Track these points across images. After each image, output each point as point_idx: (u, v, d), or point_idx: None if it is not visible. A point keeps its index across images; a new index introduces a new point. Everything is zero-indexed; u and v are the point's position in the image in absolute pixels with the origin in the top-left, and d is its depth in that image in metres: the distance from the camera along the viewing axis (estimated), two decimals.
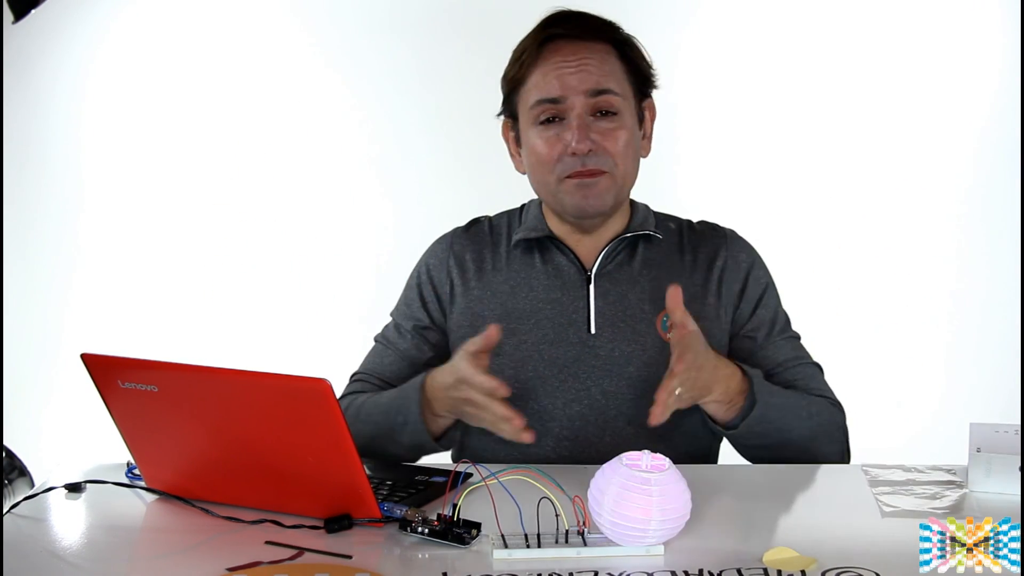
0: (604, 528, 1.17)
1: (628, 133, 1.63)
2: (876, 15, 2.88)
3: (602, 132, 1.61)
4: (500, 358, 1.63)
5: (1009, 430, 1.42)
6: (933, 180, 2.92)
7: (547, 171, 1.63)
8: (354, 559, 1.17)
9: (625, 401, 1.62)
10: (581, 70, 1.61)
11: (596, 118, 1.62)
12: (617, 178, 1.63)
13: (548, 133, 1.63)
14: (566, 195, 1.63)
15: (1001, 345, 2.85)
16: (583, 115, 1.61)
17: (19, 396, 2.86)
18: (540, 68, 1.63)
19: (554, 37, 1.63)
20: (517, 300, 1.67)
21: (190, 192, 3.02)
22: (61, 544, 1.27)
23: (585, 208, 1.64)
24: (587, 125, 1.60)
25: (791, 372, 1.66)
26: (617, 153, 1.62)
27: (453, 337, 1.69)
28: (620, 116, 1.63)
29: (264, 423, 1.24)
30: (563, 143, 1.61)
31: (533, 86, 1.63)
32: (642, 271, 1.68)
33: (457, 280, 1.72)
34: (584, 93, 1.60)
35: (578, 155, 1.60)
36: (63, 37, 2.98)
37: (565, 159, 1.61)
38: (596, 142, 1.60)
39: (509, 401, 1.62)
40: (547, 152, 1.63)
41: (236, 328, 2.99)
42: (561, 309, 1.66)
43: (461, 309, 1.70)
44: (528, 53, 1.64)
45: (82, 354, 1.29)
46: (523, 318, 1.66)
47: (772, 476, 1.52)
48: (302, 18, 3.00)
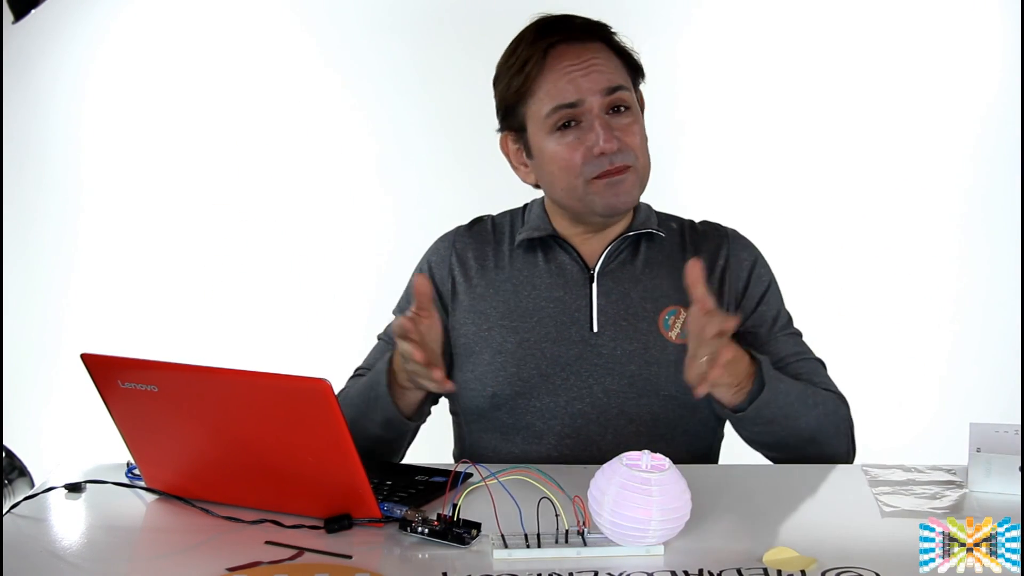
0: (604, 528, 1.17)
1: (641, 126, 1.65)
2: (877, 16, 2.88)
3: (622, 129, 1.62)
4: (502, 356, 1.64)
5: (1009, 430, 1.42)
6: (934, 180, 2.92)
7: (573, 176, 1.62)
8: (354, 559, 1.17)
9: (627, 400, 1.62)
10: (592, 71, 1.61)
11: (612, 115, 1.62)
12: (640, 171, 1.64)
13: (567, 138, 1.61)
14: (596, 196, 1.62)
15: (1002, 345, 2.85)
16: (602, 115, 1.61)
17: (19, 396, 2.86)
18: (548, 76, 1.61)
19: (555, 44, 1.63)
20: (520, 298, 1.67)
21: (190, 192, 3.02)
22: (61, 544, 1.27)
23: (616, 206, 1.63)
24: (609, 124, 1.61)
25: (794, 367, 1.65)
26: (637, 147, 1.63)
27: (455, 335, 1.69)
28: (633, 111, 1.64)
29: (264, 423, 1.24)
30: (585, 146, 1.60)
31: (545, 94, 1.62)
32: (644, 270, 1.68)
33: (459, 278, 1.71)
34: (599, 93, 1.60)
35: (606, 154, 1.60)
36: (63, 37, 2.97)
37: (592, 161, 1.60)
38: (619, 138, 1.61)
39: (511, 399, 1.63)
40: (570, 157, 1.61)
41: (236, 328, 2.98)
42: (563, 307, 1.66)
43: (464, 307, 1.70)
44: (533, 63, 1.62)
45: (82, 354, 1.29)
46: (525, 316, 1.66)
47: (772, 476, 1.52)
48: (302, 18, 2.99)
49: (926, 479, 1.43)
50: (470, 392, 1.66)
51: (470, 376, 1.66)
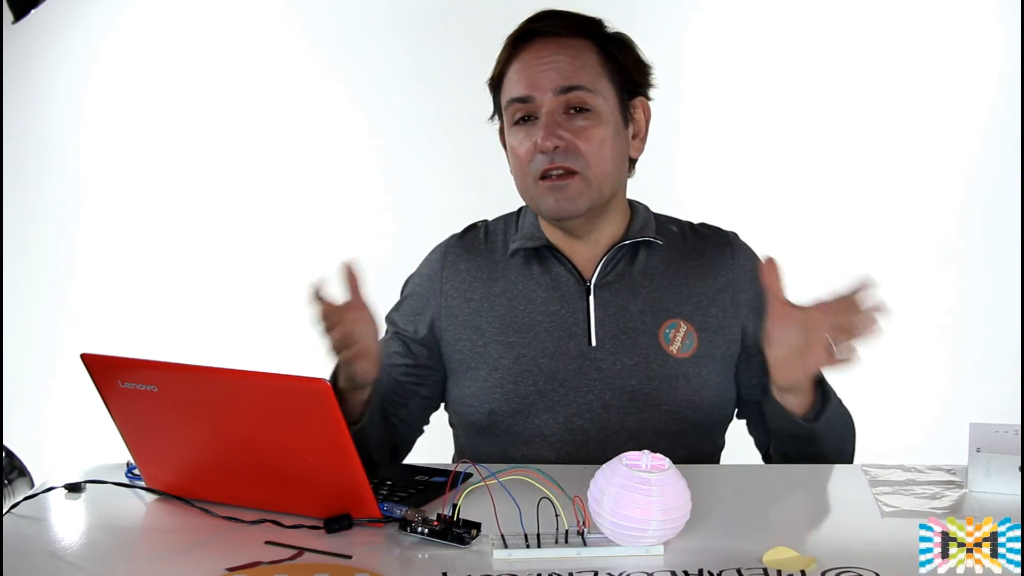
0: (604, 528, 1.17)
1: (605, 131, 1.59)
2: (878, 17, 2.88)
3: (574, 130, 1.57)
4: (499, 372, 1.61)
5: (1009, 430, 1.42)
6: (934, 181, 2.92)
7: (524, 172, 1.61)
8: (354, 559, 1.17)
9: (628, 415, 1.60)
10: (550, 67, 1.58)
11: (569, 116, 1.58)
12: (591, 179, 1.58)
13: (520, 133, 1.60)
14: (540, 199, 1.60)
15: (1002, 346, 2.85)
16: (553, 112, 1.57)
17: (19, 396, 2.86)
18: (513, 67, 1.61)
19: (531, 35, 1.61)
20: (515, 313, 1.64)
21: (190, 193, 3.02)
22: (61, 544, 1.27)
23: (558, 212, 1.59)
24: (557, 122, 1.57)
25: None
26: (590, 153, 1.57)
27: (451, 350, 1.66)
28: (596, 114, 1.58)
29: (264, 423, 1.24)
30: (532, 141, 1.58)
31: (507, 84, 1.62)
32: (643, 280, 1.64)
33: (452, 292, 1.67)
34: (552, 91, 1.57)
35: (546, 153, 1.57)
36: (63, 37, 2.98)
37: (537, 157, 1.58)
38: (567, 139, 1.57)
39: (509, 416, 1.61)
40: (521, 152, 1.60)
41: (236, 328, 2.99)
42: (560, 322, 1.63)
43: (459, 322, 1.66)
44: (504, 53, 1.62)
45: (82, 354, 1.29)
46: (522, 331, 1.63)
47: (772, 476, 1.52)
48: (300, 19, 3.00)
49: (926, 479, 1.43)
50: (467, 408, 1.64)
51: (467, 392, 1.64)
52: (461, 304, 1.67)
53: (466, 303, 1.67)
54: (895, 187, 2.92)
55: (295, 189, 3.02)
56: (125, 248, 3.04)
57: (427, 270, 1.72)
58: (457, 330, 1.66)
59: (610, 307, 1.63)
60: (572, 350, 1.61)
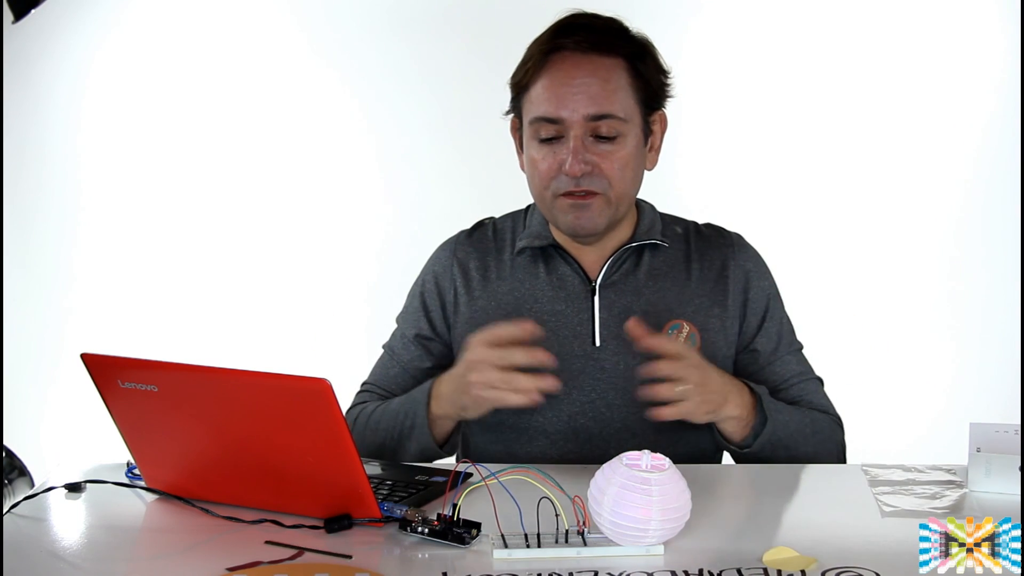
0: (604, 528, 1.17)
1: (628, 154, 1.59)
2: (879, 18, 2.88)
3: (600, 155, 1.57)
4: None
5: (1009, 430, 1.42)
6: (935, 182, 2.92)
7: (543, 187, 1.61)
8: (354, 559, 1.17)
9: (630, 415, 1.61)
10: (582, 91, 1.55)
11: (596, 140, 1.57)
12: (612, 199, 1.59)
13: (544, 149, 1.59)
14: (559, 213, 1.61)
15: (1002, 346, 2.85)
16: (581, 137, 1.56)
17: (19, 396, 2.87)
18: (542, 80, 1.58)
19: (560, 48, 1.58)
20: (521, 312, 1.65)
21: (189, 193, 3.03)
22: (61, 544, 1.27)
23: (577, 229, 1.61)
24: (584, 148, 1.56)
25: (796, 389, 1.66)
26: (613, 175, 1.58)
27: (457, 347, 1.67)
28: (622, 138, 1.58)
29: (264, 423, 1.24)
30: (559, 162, 1.57)
31: (535, 98, 1.59)
32: (647, 282, 1.66)
33: (461, 289, 1.69)
34: (584, 117, 1.55)
35: (572, 176, 1.57)
36: (63, 37, 2.98)
37: (561, 177, 1.58)
38: (593, 163, 1.56)
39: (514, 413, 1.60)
40: (543, 168, 1.59)
41: (236, 328, 2.99)
42: (565, 321, 1.64)
43: (466, 319, 1.68)
44: (533, 61, 1.59)
45: (82, 354, 1.29)
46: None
47: (772, 476, 1.52)
48: (300, 18, 3.00)
49: (926, 479, 1.43)
50: None
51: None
52: (469, 301, 1.69)
53: (474, 301, 1.68)
54: (897, 187, 2.92)
55: (295, 189, 3.02)
56: (125, 248, 3.04)
57: (438, 267, 1.73)
58: (465, 325, 1.67)
59: (615, 307, 1.64)
60: (576, 350, 1.63)
